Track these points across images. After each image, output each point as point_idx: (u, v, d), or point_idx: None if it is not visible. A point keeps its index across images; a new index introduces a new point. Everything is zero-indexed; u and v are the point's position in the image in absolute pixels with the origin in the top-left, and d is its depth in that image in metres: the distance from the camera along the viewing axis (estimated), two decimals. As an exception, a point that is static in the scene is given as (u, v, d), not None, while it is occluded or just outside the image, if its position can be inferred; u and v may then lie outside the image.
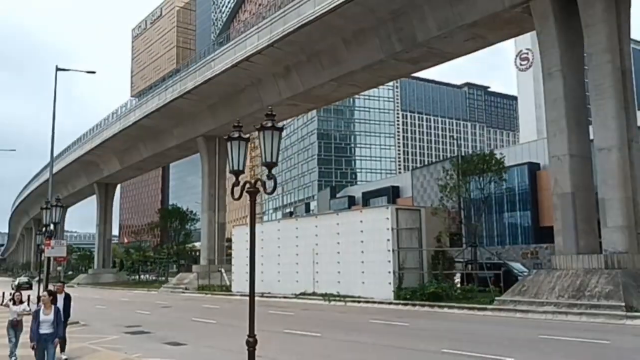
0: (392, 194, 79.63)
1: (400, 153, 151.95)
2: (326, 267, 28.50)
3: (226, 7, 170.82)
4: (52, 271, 24.53)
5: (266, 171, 8.23)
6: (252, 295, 8.15)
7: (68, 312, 11.94)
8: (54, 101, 26.37)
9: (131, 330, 18.37)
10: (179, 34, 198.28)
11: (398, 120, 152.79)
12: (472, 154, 25.68)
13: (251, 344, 7.60)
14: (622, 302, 17.16)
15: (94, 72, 28.90)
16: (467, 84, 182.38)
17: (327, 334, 16.55)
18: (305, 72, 33.52)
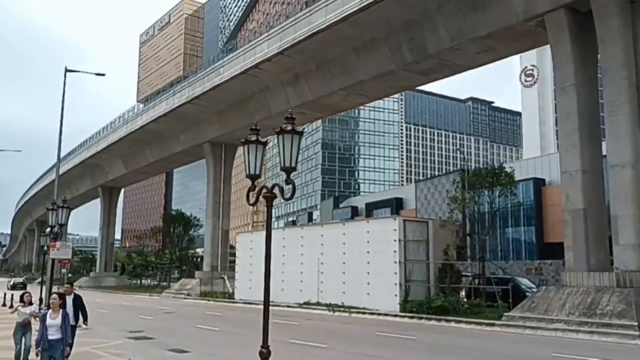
0: (396, 205, 79.31)
1: (403, 165, 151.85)
2: (331, 277, 28.17)
3: (234, 15, 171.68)
4: (56, 273, 24.30)
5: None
6: (266, 304, 7.90)
7: (85, 314, 11.45)
8: (62, 102, 26.25)
9: (134, 336, 18.12)
10: (187, 41, 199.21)
11: (402, 133, 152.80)
12: (482, 168, 25.46)
13: (264, 355, 7.34)
14: (635, 322, 16.81)
15: (103, 74, 28.87)
16: (471, 98, 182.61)
17: (333, 345, 16.27)
18: (315, 81, 33.40)
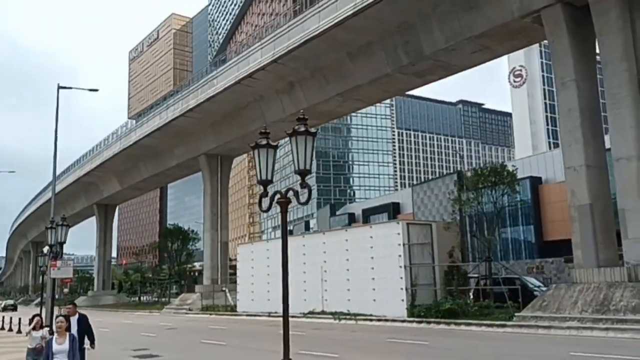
0: (393, 210, 79.01)
1: (396, 170, 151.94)
2: (335, 285, 27.80)
3: (223, 29, 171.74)
4: (56, 293, 23.75)
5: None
6: (286, 316, 7.54)
7: (92, 335, 10.53)
8: (56, 119, 25.87)
9: (139, 354, 17.64)
10: (176, 56, 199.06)
11: (394, 138, 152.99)
12: (484, 167, 25.24)
13: (289, 367, 7.00)
14: (651, 316, 16.57)
15: (96, 89, 28.49)
16: (461, 101, 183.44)
17: (344, 354, 15.88)
18: (310, 88, 33.18)
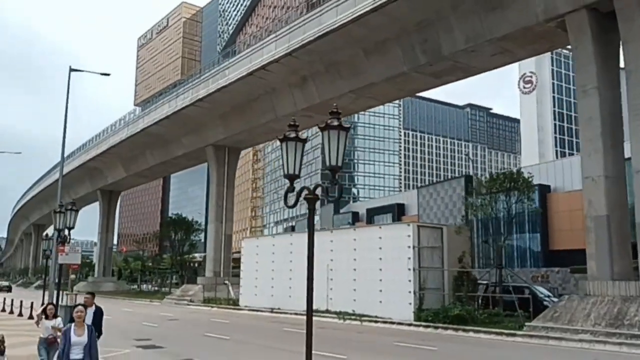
0: (398, 211, 78.53)
1: (401, 171, 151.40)
2: (341, 284, 27.42)
3: (233, 19, 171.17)
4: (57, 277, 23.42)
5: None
6: (309, 316, 7.19)
7: (100, 329, 9.93)
8: (67, 101, 25.70)
9: (142, 344, 17.38)
10: (185, 45, 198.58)
11: (400, 138, 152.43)
12: (500, 172, 24.85)
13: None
14: (667, 333, 16.19)
15: (108, 74, 28.21)
16: (469, 104, 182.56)
17: (353, 356, 15.57)
18: (323, 83, 32.76)
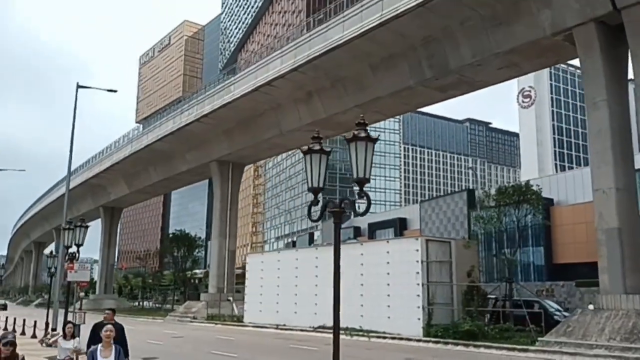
0: (400, 225, 78.38)
1: (402, 185, 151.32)
2: (348, 300, 26.91)
3: (235, 37, 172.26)
4: (63, 296, 23.22)
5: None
6: (336, 332, 7.02)
7: (126, 348, 8.55)
8: (74, 116, 25.71)
9: (150, 363, 17.10)
10: (187, 62, 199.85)
11: (400, 153, 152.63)
12: (509, 185, 24.75)
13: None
14: (684, 348, 15.94)
15: (115, 90, 28.23)
16: (468, 119, 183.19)
17: (366, 373, 15.29)
18: (328, 98, 32.79)
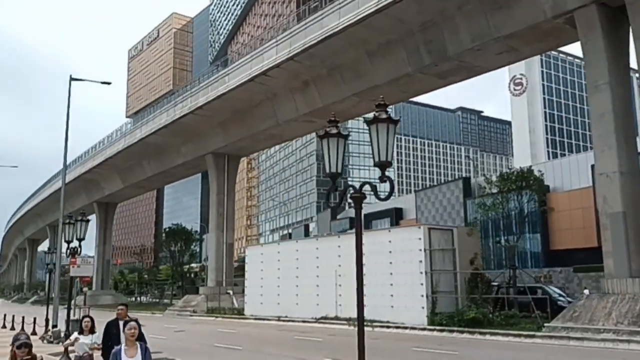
0: (396, 215, 78.37)
1: (395, 175, 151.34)
2: (350, 290, 26.73)
3: (224, 29, 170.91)
4: (57, 291, 22.87)
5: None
6: (361, 323, 6.79)
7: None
8: (68, 110, 25.18)
9: (155, 357, 16.79)
10: (176, 55, 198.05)
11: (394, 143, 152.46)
12: (510, 171, 24.59)
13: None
14: (694, 330, 15.88)
15: (109, 82, 27.74)
16: (460, 108, 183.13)
17: (375, 363, 15.08)
18: (325, 87, 32.44)
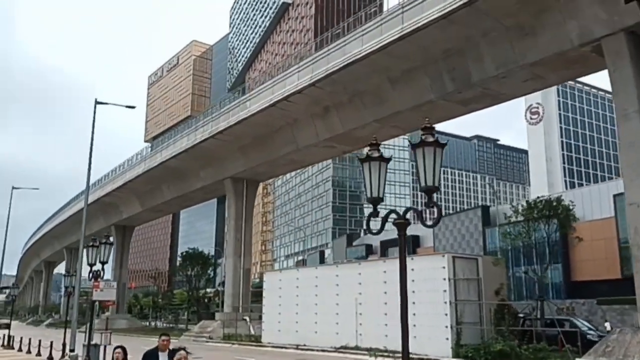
0: (412, 243, 77.54)
1: (412, 203, 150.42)
2: (371, 319, 26.35)
3: (243, 56, 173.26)
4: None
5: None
6: (405, 354, 6.44)
7: None
8: (92, 134, 25.41)
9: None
10: (195, 82, 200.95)
11: (409, 170, 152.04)
12: (537, 200, 24.13)
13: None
14: None
15: (133, 107, 27.96)
16: (476, 136, 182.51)
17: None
18: (346, 113, 32.40)
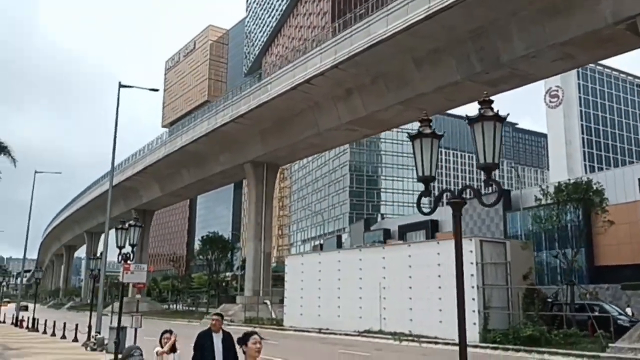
0: (431, 227, 77.11)
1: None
2: (395, 303, 26.17)
3: (259, 40, 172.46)
4: (106, 299, 22.70)
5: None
6: (463, 342, 6.14)
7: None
8: (116, 116, 25.63)
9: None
10: (211, 67, 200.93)
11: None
12: (568, 182, 23.57)
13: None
14: None
15: (157, 89, 27.90)
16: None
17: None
18: (369, 95, 31.93)
